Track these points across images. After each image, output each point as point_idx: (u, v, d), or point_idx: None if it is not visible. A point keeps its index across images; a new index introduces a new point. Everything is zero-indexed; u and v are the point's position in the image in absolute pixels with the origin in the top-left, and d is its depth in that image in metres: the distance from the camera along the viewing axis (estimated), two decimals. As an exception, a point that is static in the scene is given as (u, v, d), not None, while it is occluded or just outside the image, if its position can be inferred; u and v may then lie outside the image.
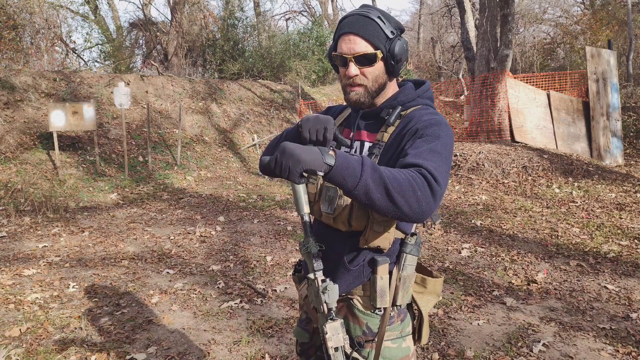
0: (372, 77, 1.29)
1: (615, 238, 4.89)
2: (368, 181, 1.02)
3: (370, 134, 1.36)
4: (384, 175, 1.04)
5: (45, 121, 8.41)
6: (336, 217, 1.27)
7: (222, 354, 2.84)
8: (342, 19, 1.30)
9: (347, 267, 1.30)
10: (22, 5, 11.80)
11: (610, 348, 2.81)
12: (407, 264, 1.29)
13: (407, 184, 1.04)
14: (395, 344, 1.33)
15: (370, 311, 1.31)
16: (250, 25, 16.99)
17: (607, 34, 15.32)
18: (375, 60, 1.27)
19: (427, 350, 2.85)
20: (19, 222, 5.82)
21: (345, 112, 1.50)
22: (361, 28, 1.25)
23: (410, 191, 1.04)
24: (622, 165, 8.95)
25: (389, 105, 1.34)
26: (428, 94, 1.38)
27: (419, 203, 1.05)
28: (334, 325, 1.19)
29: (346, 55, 1.27)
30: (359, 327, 1.32)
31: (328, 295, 1.18)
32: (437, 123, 1.24)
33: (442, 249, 4.80)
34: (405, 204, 1.04)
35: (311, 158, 1.03)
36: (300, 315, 1.55)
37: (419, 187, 1.05)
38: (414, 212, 1.06)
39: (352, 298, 1.34)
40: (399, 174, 1.06)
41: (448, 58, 24.59)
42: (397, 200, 1.03)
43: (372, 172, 1.03)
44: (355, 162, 1.04)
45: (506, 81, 8.95)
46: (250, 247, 4.99)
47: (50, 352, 2.79)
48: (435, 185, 1.07)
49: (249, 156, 11.07)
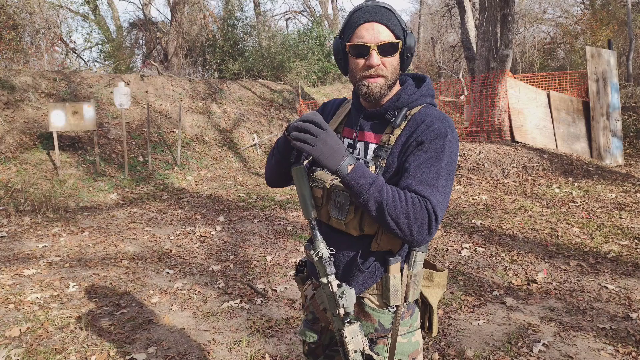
0: (391, 68, 1.26)
1: (615, 238, 4.89)
2: (369, 200, 1.15)
3: (375, 135, 1.33)
4: (384, 199, 1.14)
5: (45, 121, 8.41)
6: (347, 222, 1.28)
7: (222, 354, 2.84)
8: (355, 10, 1.26)
9: (361, 269, 1.30)
10: (22, 5, 11.80)
11: (610, 348, 2.81)
12: (417, 261, 1.31)
13: (404, 213, 1.14)
14: (405, 339, 1.34)
15: (383, 308, 1.32)
16: (250, 25, 16.97)
17: (607, 34, 15.32)
18: (397, 50, 1.25)
19: (427, 350, 2.85)
20: (19, 222, 5.82)
21: (343, 109, 1.44)
22: (383, 17, 1.23)
23: (404, 220, 1.14)
24: (622, 165, 8.95)
25: (394, 106, 1.30)
26: (430, 91, 1.36)
27: (411, 231, 1.15)
28: (353, 329, 1.23)
29: (369, 43, 1.22)
30: (371, 324, 1.33)
31: (346, 299, 1.21)
32: (443, 135, 1.23)
33: (442, 249, 4.80)
34: (396, 228, 1.15)
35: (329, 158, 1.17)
36: (306, 315, 1.53)
37: (416, 218, 1.14)
38: (404, 236, 1.16)
39: (364, 297, 1.34)
40: (400, 202, 1.15)
41: (448, 58, 24.59)
42: (388, 222, 1.15)
43: (377, 194, 1.15)
44: (366, 181, 1.15)
45: (506, 81, 8.95)
46: (250, 247, 4.99)
47: (50, 352, 2.79)
48: (434, 222, 1.15)
49: (249, 156, 11.07)
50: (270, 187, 1.51)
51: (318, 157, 1.16)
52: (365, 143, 1.34)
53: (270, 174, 1.48)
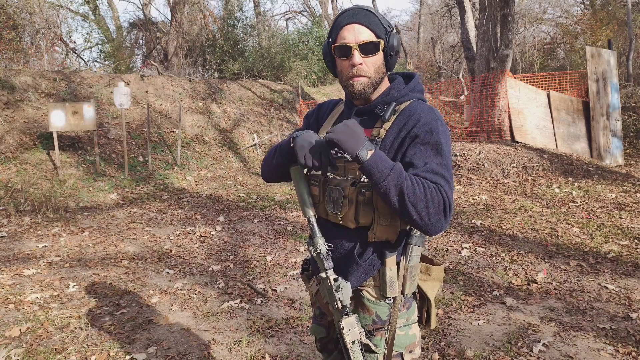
0: (374, 67, 1.32)
1: (615, 238, 4.89)
2: (390, 185, 1.16)
3: (366, 130, 1.38)
4: (404, 184, 1.16)
5: (45, 121, 8.41)
6: (343, 216, 1.32)
7: (222, 354, 2.84)
8: (339, 15, 1.34)
9: (358, 261, 1.34)
10: (22, 5, 11.80)
11: (610, 348, 2.81)
12: (413, 254, 1.34)
13: (423, 198, 1.16)
14: (402, 331, 1.38)
15: (380, 300, 1.36)
16: (250, 25, 16.97)
17: (607, 34, 15.32)
18: (379, 49, 1.30)
19: (427, 350, 2.85)
20: (19, 222, 5.82)
21: (338, 110, 1.50)
22: (364, 18, 1.30)
23: (423, 205, 1.16)
24: (622, 165, 8.95)
25: (383, 102, 1.37)
26: (418, 87, 1.41)
27: (429, 217, 1.17)
28: (350, 321, 1.27)
29: (350, 44, 1.29)
30: (369, 316, 1.37)
31: (341, 292, 1.26)
32: (435, 127, 1.28)
33: (442, 249, 4.80)
34: (415, 214, 1.16)
35: (349, 142, 1.18)
36: (314, 312, 1.58)
37: (433, 203, 1.17)
38: (423, 222, 1.18)
39: (362, 290, 1.38)
40: (419, 187, 1.17)
41: (448, 58, 24.59)
42: (409, 208, 1.16)
43: (397, 178, 1.16)
44: (385, 166, 1.18)
45: (506, 81, 8.95)
46: (250, 247, 4.99)
47: (50, 352, 2.80)
48: (448, 208, 1.18)
49: (249, 156, 11.07)
50: (266, 181, 1.59)
51: (339, 139, 1.19)
52: None
53: (269, 171, 1.53)
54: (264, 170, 1.55)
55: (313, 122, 1.55)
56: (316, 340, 1.59)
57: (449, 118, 12.62)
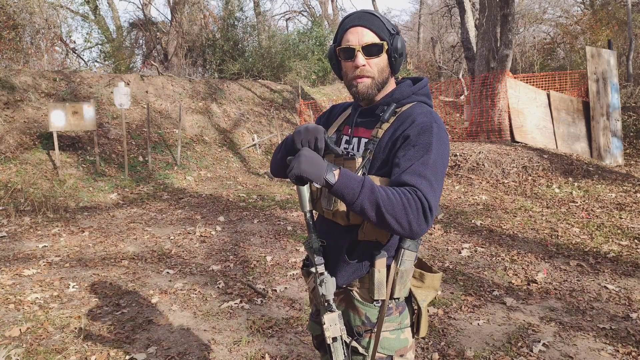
0: (378, 68, 1.34)
1: (615, 238, 4.89)
2: (364, 201, 1.15)
3: (366, 130, 1.40)
4: (379, 197, 1.14)
5: (45, 121, 8.41)
6: (335, 212, 1.34)
7: (222, 354, 2.84)
8: (344, 19, 1.37)
9: (347, 260, 1.36)
10: (22, 5, 11.79)
11: (610, 348, 2.81)
12: (405, 259, 1.34)
13: (401, 206, 1.15)
14: (393, 335, 1.37)
15: (369, 302, 1.36)
16: (250, 25, 16.97)
17: (607, 34, 15.32)
18: (382, 51, 1.33)
19: (427, 350, 2.85)
20: (19, 222, 5.82)
21: (347, 111, 1.53)
22: (367, 21, 1.32)
23: (402, 213, 1.15)
24: (622, 165, 8.95)
25: (384, 102, 1.38)
26: (424, 90, 1.42)
27: (410, 224, 1.15)
28: (332, 317, 1.27)
29: (354, 46, 1.31)
30: (359, 318, 1.37)
31: (325, 287, 1.27)
32: (429, 128, 1.27)
33: (442, 249, 4.80)
34: (396, 224, 1.15)
35: (313, 171, 1.15)
36: (311, 309, 1.59)
37: (411, 209, 1.15)
38: (405, 231, 1.17)
39: (352, 290, 1.39)
40: (394, 197, 1.15)
41: (448, 58, 24.59)
42: (388, 220, 1.15)
43: (370, 193, 1.15)
44: (355, 184, 1.16)
45: (506, 81, 8.95)
46: (250, 247, 4.99)
47: (50, 352, 2.80)
48: (428, 210, 1.16)
49: (249, 156, 11.07)
50: (274, 177, 1.66)
51: (303, 170, 1.16)
52: (359, 138, 1.43)
53: (275, 166, 1.56)
54: (272, 166, 1.59)
55: (324, 123, 1.59)
56: (313, 338, 1.60)
57: (449, 118, 12.62)
